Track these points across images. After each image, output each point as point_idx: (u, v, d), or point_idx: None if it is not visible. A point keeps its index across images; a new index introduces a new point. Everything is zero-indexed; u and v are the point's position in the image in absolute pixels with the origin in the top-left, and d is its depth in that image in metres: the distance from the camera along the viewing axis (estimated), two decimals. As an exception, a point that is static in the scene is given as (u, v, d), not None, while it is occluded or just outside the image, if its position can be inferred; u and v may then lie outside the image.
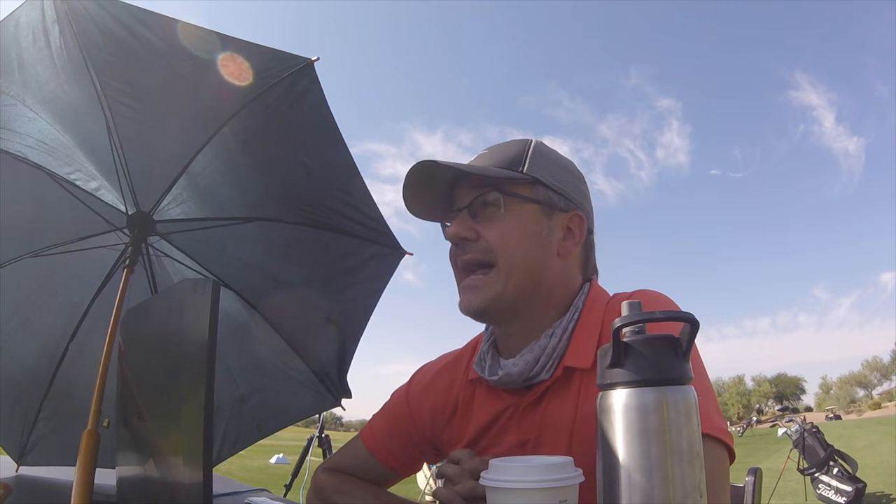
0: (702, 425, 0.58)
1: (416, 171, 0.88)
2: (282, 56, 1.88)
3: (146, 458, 1.05)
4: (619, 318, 0.57)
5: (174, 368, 0.97)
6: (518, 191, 0.89)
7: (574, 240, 0.92)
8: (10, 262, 2.18)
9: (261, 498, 1.60)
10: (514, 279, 0.87)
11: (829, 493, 6.86)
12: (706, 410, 0.67)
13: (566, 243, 0.91)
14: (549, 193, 0.90)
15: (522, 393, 0.90)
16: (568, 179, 0.94)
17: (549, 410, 0.87)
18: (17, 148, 2.02)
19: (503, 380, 0.89)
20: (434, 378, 1.06)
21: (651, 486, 0.53)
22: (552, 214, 0.90)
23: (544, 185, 0.90)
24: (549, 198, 0.90)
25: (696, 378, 0.70)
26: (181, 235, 2.26)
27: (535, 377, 0.87)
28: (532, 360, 0.87)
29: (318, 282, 2.36)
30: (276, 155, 2.11)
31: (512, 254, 0.87)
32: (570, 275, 0.93)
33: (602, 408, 0.58)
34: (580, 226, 0.93)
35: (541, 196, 0.90)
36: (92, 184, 2.15)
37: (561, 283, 0.91)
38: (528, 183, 0.89)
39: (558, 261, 0.91)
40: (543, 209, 0.90)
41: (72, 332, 2.27)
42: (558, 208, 0.91)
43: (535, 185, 0.90)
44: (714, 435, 0.72)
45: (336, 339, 2.40)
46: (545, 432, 0.86)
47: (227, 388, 2.37)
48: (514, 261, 0.87)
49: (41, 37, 1.76)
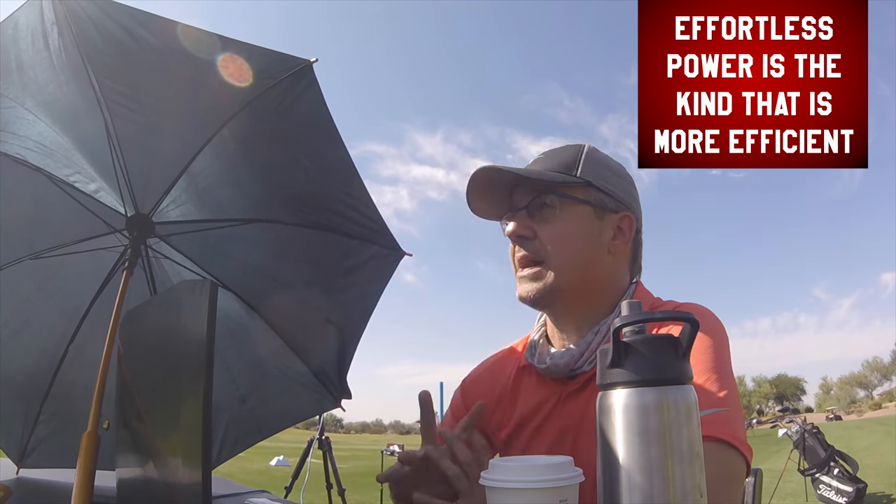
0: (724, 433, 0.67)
1: (478, 175, 0.98)
2: (280, 57, 1.89)
3: (146, 459, 1.05)
4: (619, 318, 0.58)
5: (173, 369, 0.97)
6: (572, 193, 0.97)
7: (624, 238, 1.00)
8: (10, 265, 2.17)
9: (261, 499, 1.60)
10: (566, 274, 0.95)
11: (830, 494, 6.86)
12: (735, 422, 0.76)
13: (616, 242, 0.99)
14: (600, 195, 0.98)
15: (567, 382, 0.97)
16: (618, 182, 1.01)
17: (590, 400, 0.91)
18: (17, 150, 2.02)
19: (550, 368, 0.97)
20: (487, 368, 1.14)
21: (651, 486, 0.53)
22: (603, 215, 0.98)
23: (596, 188, 0.98)
24: (601, 199, 0.98)
25: (728, 393, 0.78)
26: (180, 237, 2.26)
27: (579, 368, 0.94)
28: (578, 353, 0.94)
29: (318, 283, 2.36)
30: (275, 156, 2.11)
31: (565, 251, 0.95)
32: (619, 272, 1.01)
33: (602, 408, 0.57)
34: (629, 225, 1.00)
35: (593, 198, 0.97)
36: (91, 186, 2.15)
37: (610, 280, 1.00)
38: (581, 186, 0.97)
39: (609, 258, 0.99)
40: (595, 210, 0.97)
41: (71, 334, 2.27)
42: (609, 209, 0.98)
43: (588, 188, 0.97)
44: (735, 445, 0.77)
45: (336, 339, 2.40)
46: (585, 421, 0.91)
47: (227, 390, 2.37)
48: (567, 258, 0.95)
49: (40, 39, 1.76)
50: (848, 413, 58.25)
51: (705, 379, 0.81)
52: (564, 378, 0.97)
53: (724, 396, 0.80)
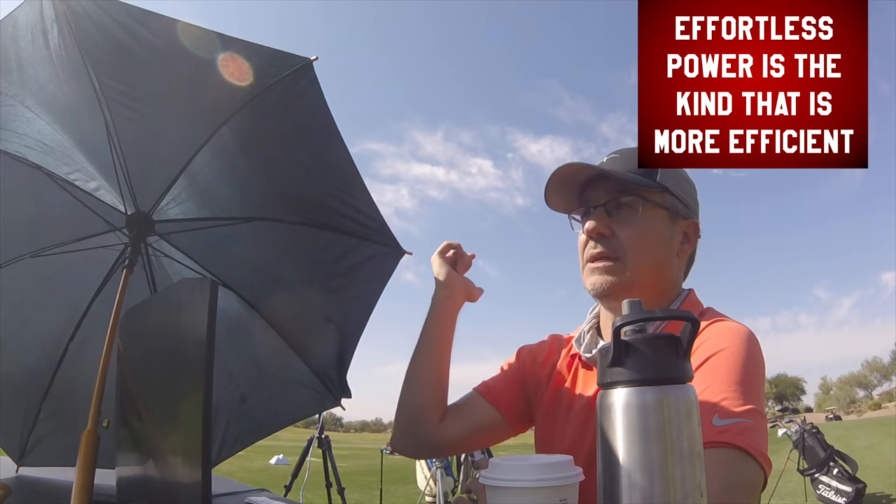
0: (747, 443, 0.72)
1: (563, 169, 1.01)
2: (281, 56, 1.88)
3: (146, 458, 1.05)
4: (620, 317, 0.58)
5: (173, 368, 0.97)
6: (651, 197, 1.01)
7: (689, 244, 1.05)
8: (10, 263, 2.17)
9: (261, 498, 1.60)
10: (641, 274, 0.98)
11: (829, 494, 6.87)
12: (758, 435, 0.78)
13: (683, 247, 1.04)
14: (675, 201, 1.02)
15: None
16: (689, 190, 1.06)
17: None
18: (16, 148, 2.01)
19: (594, 358, 1.01)
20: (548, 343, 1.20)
21: (651, 485, 0.53)
22: (675, 220, 1.03)
23: (671, 194, 1.02)
24: (675, 205, 1.02)
25: (754, 407, 0.79)
26: (180, 235, 2.26)
27: None
28: None
29: (318, 281, 2.36)
30: (275, 154, 2.11)
31: (641, 252, 0.98)
32: (681, 275, 1.07)
33: (602, 407, 0.57)
34: (695, 232, 1.06)
35: (669, 203, 1.02)
36: (91, 184, 2.15)
37: (674, 282, 1.05)
38: (660, 191, 1.01)
39: (676, 262, 1.04)
40: (670, 215, 1.02)
41: (71, 333, 2.26)
42: (681, 215, 1.03)
43: (665, 193, 1.02)
44: (754, 456, 0.77)
45: (336, 338, 2.40)
46: None
47: (227, 388, 2.37)
48: (643, 259, 0.98)
49: (40, 37, 1.76)
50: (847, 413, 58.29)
51: (733, 390, 0.81)
52: None
53: (749, 410, 0.79)
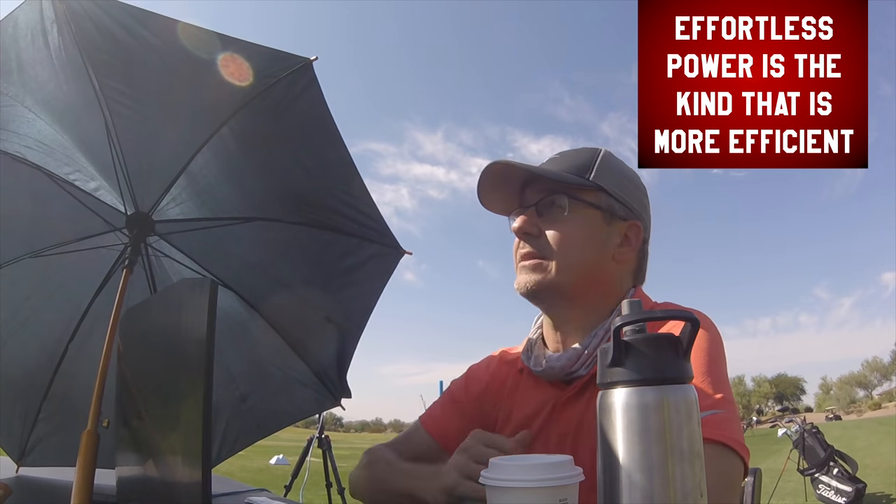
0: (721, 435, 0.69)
1: (492, 168, 0.98)
2: (280, 56, 1.88)
3: (145, 458, 1.05)
4: (620, 317, 0.57)
5: (173, 368, 0.97)
6: (583, 196, 0.97)
7: (630, 247, 1.00)
8: (10, 263, 2.17)
9: (261, 498, 1.60)
10: (567, 274, 0.95)
11: (829, 494, 6.87)
12: (732, 424, 0.77)
13: (622, 249, 0.99)
14: (611, 201, 0.98)
15: (563, 387, 0.96)
16: (630, 190, 1.01)
17: (588, 406, 0.92)
18: (16, 148, 2.01)
19: (546, 372, 0.97)
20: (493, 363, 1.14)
21: (651, 485, 0.53)
22: (612, 221, 0.98)
23: (607, 194, 0.98)
24: (611, 206, 0.98)
25: (724, 395, 0.79)
26: (180, 235, 2.26)
27: (574, 372, 0.94)
28: (574, 356, 0.94)
29: (318, 281, 2.36)
30: (274, 155, 2.11)
31: (569, 253, 0.95)
32: (622, 279, 1.01)
33: (602, 407, 0.57)
34: (637, 235, 1.00)
35: (603, 203, 0.97)
36: (91, 184, 2.15)
37: (613, 287, 0.99)
38: (593, 190, 0.97)
39: (613, 265, 0.99)
40: (604, 216, 0.98)
41: (71, 333, 2.26)
42: (618, 216, 0.98)
43: (599, 193, 0.98)
44: (733, 447, 0.77)
45: (336, 338, 2.40)
46: (583, 428, 0.91)
47: (227, 388, 2.37)
48: (570, 260, 0.95)
49: (40, 37, 1.76)
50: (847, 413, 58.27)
51: (700, 381, 0.82)
52: (561, 382, 0.97)
53: (720, 399, 0.80)
